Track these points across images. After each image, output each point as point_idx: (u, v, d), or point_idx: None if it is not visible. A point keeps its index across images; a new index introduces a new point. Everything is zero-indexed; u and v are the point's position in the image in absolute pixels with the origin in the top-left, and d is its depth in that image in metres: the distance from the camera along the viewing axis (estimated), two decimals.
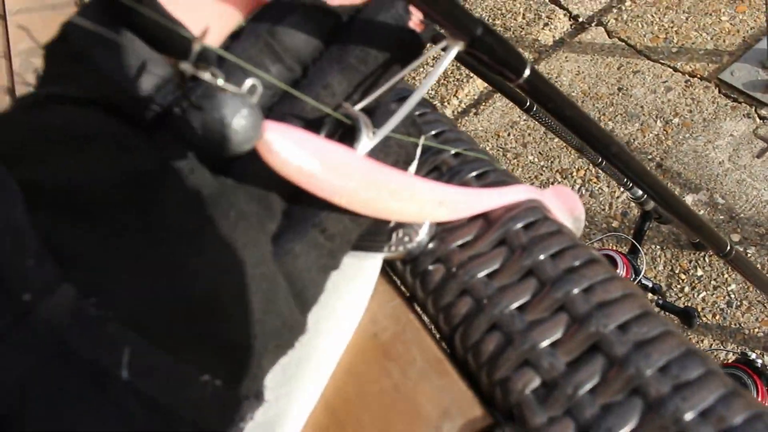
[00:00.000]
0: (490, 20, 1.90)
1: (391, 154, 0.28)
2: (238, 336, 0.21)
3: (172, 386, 0.18)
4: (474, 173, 0.33)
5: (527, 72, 0.31)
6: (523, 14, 1.88)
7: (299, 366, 0.31)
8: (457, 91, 1.76)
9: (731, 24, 1.64)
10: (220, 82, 0.21)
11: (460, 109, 1.76)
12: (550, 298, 0.27)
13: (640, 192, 0.96)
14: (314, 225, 0.24)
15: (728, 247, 0.56)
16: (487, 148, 1.66)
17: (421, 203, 0.28)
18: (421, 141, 0.34)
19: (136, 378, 0.18)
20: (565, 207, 0.32)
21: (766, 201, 1.34)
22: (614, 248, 1.15)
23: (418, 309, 0.32)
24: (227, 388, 0.20)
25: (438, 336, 0.30)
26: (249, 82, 0.22)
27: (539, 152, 1.59)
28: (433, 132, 0.35)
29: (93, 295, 0.18)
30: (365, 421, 0.29)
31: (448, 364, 0.29)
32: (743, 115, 1.47)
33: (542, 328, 0.27)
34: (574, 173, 1.52)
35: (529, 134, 1.63)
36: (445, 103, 1.75)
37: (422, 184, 0.28)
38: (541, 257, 0.29)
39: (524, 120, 1.64)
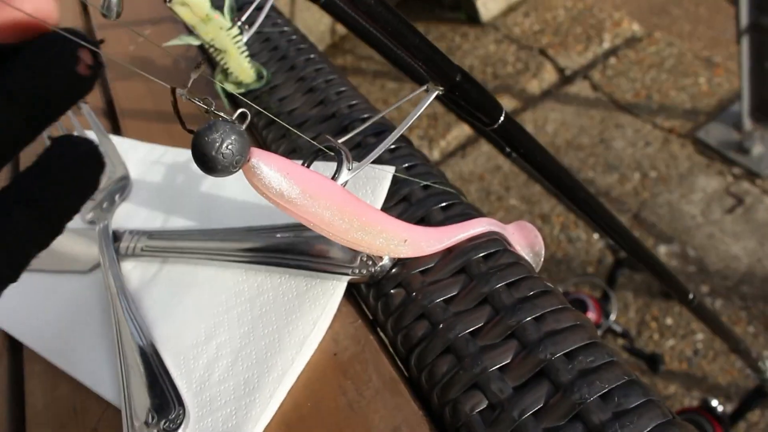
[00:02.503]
0: (482, 67, 1.96)
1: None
2: None
3: None
4: (440, 205, 0.34)
5: (502, 118, 0.33)
6: (513, 64, 1.95)
7: (259, 380, 0.32)
8: (445, 133, 1.80)
9: (708, 86, 1.71)
10: (213, 108, 0.23)
11: (447, 151, 1.80)
12: (502, 325, 0.29)
13: None
14: None
15: (691, 296, 0.58)
16: (472, 190, 1.69)
17: (387, 239, 0.29)
18: (392, 173, 0.35)
19: None
20: (526, 241, 0.34)
21: (734, 255, 1.37)
22: (587, 292, 1.17)
23: (380, 331, 0.33)
24: None
25: (396, 357, 0.32)
26: (239, 111, 0.24)
27: (521, 196, 1.62)
28: (405, 165, 0.37)
29: None
30: None
31: (403, 384, 0.30)
32: (716, 172, 1.52)
33: (493, 353, 0.28)
34: (554, 219, 1.56)
35: (513, 179, 1.67)
36: (434, 144, 1.79)
37: (391, 222, 0.29)
38: (497, 286, 0.30)
39: (508, 165, 1.68)
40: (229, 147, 0.21)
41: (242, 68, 0.43)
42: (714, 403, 0.95)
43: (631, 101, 1.74)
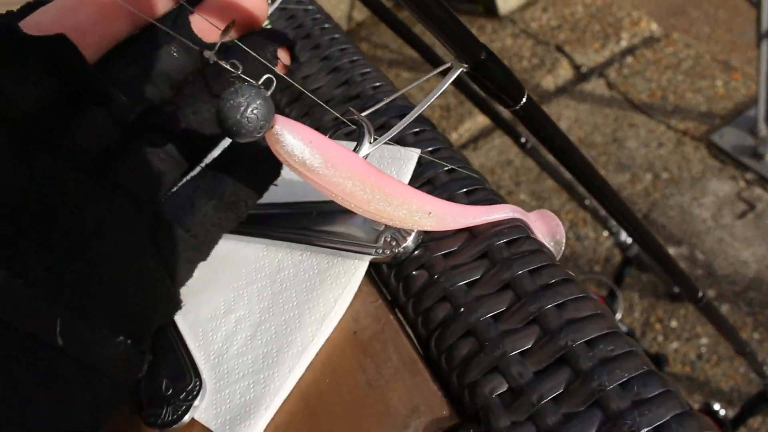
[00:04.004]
0: None
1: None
2: (137, 307, 0.24)
3: (95, 348, 0.21)
4: (464, 189, 0.34)
5: (524, 99, 0.33)
6: (529, 59, 1.93)
7: (279, 354, 0.32)
8: (457, 126, 1.80)
9: (725, 89, 1.70)
10: (240, 72, 0.23)
11: (460, 143, 1.80)
12: (524, 311, 0.29)
13: (623, 237, 0.98)
14: (181, 226, 0.28)
15: (700, 294, 0.58)
16: None
17: (411, 211, 0.29)
18: (417, 154, 0.36)
19: (67, 344, 0.20)
20: (547, 230, 0.34)
21: (743, 261, 1.37)
22: (594, 290, 1.17)
23: (399, 312, 0.33)
24: (134, 345, 0.23)
25: (415, 338, 0.32)
26: (265, 77, 0.24)
27: (531, 192, 1.62)
28: (429, 148, 0.37)
29: (20, 277, 0.20)
30: (337, 412, 0.30)
31: (422, 364, 0.30)
32: (729, 177, 1.51)
33: (514, 338, 0.28)
34: (563, 216, 1.55)
35: (524, 174, 1.66)
36: (446, 135, 1.79)
37: (414, 193, 0.29)
38: (520, 272, 0.30)
39: (519, 160, 1.68)
40: (254, 112, 0.21)
41: None
42: (716, 406, 0.95)
43: (646, 101, 1.73)
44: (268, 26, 0.43)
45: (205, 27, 0.27)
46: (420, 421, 0.28)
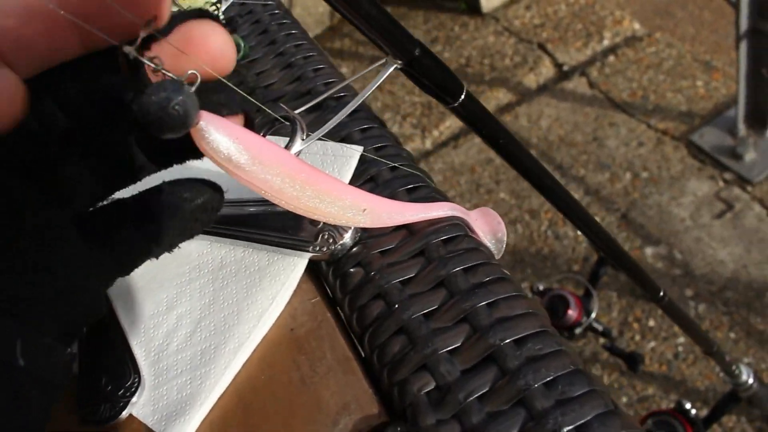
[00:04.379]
0: (479, 58, 1.95)
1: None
2: (67, 311, 0.23)
3: (29, 351, 0.21)
4: (407, 187, 0.34)
5: (463, 96, 0.33)
6: (512, 56, 1.94)
7: (216, 351, 0.32)
8: (438, 123, 1.80)
9: (705, 90, 1.71)
10: (161, 67, 0.23)
11: (440, 141, 1.80)
12: (456, 309, 0.29)
13: None
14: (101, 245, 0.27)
15: (661, 293, 0.58)
16: (462, 182, 1.69)
17: (344, 207, 0.29)
18: (359, 152, 0.35)
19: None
20: (489, 228, 0.34)
21: (720, 260, 1.38)
22: (571, 290, 1.17)
23: (339, 310, 0.33)
24: (63, 347, 0.23)
25: (353, 336, 0.32)
26: (189, 72, 0.23)
27: (511, 190, 1.62)
28: (375, 146, 0.37)
29: None
30: (270, 409, 0.30)
31: (355, 362, 0.30)
32: (708, 177, 1.52)
33: (445, 336, 0.28)
34: (542, 215, 1.56)
35: (503, 173, 1.67)
36: (426, 133, 1.79)
37: (348, 190, 0.29)
38: (454, 270, 0.30)
39: (500, 158, 1.68)
40: (176, 108, 0.21)
41: None
42: (687, 405, 0.96)
43: (626, 100, 1.74)
44: (223, 20, 0.43)
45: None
46: (350, 418, 0.28)
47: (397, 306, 0.30)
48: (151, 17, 0.25)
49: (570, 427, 0.25)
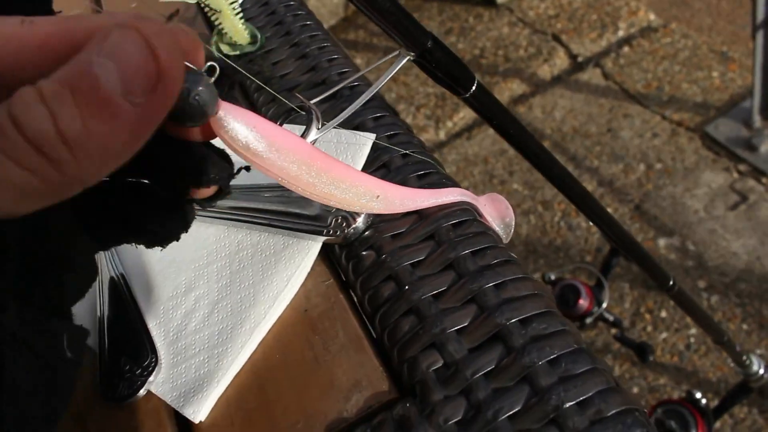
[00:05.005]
0: (493, 49, 1.95)
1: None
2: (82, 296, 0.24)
3: (72, 343, 0.22)
4: (418, 173, 0.35)
5: (475, 87, 0.34)
6: (526, 47, 1.93)
7: (233, 331, 0.34)
8: (452, 114, 1.80)
9: (721, 81, 1.69)
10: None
11: (454, 132, 1.80)
12: (464, 290, 0.30)
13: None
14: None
15: (671, 282, 0.58)
16: (475, 173, 1.69)
17: (358, 194, 0.30)
18: (372, 139, 0.36)
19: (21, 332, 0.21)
20: (497, 213, 0.35)
21: (733, 252, 1.37)
22: (583, 280, 1.17)
23: (351, 291, 0.34)
24: (85, 329, 0.24)
25: (364, 317, 0.33)
26: (209, 64, 0.24)
27: (524, 182, 1.63)
28: (387, 133, 0.37)
29: None
30: (284, 386, 0.31)
31: (366, 342, 0.31)
32: (722, 168, 1.51)
33: (453, 316, 0.29)
34: (555, 206, 1.56)
35: (517, 164, 1.67)
36: (440, 124, 1.79)
37: (362, 177, 0.30)
38: (463, 253, 0.31)
39: (513, 149, 1.68)
40: (196, 98, 0.22)
41: (236, 29, 0.44)
42: (698, 395, 0.96)
43: (641, 91, 1.73)
44: (240, 13, 0.44)
45: None
46: (361, 394, 0.29)
47: (407, 287, 0.31)
48: (172, 13, 0.26)
49: (572, 403, 0.26)
